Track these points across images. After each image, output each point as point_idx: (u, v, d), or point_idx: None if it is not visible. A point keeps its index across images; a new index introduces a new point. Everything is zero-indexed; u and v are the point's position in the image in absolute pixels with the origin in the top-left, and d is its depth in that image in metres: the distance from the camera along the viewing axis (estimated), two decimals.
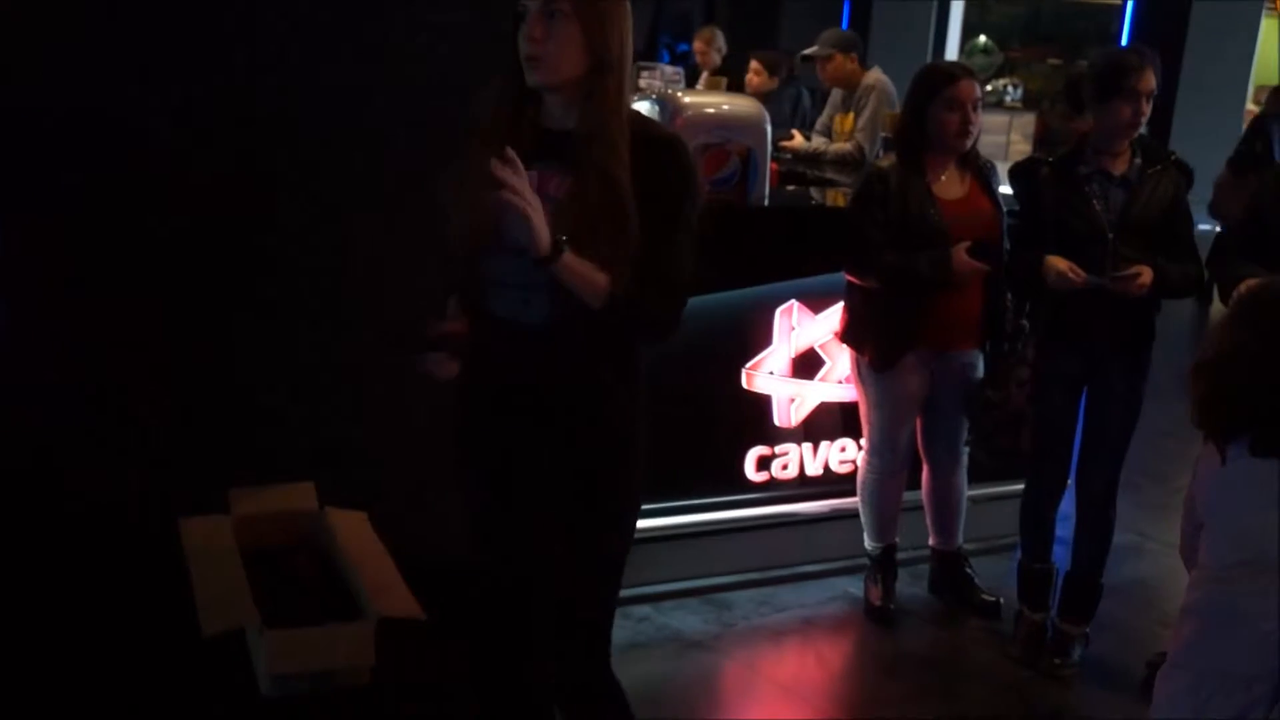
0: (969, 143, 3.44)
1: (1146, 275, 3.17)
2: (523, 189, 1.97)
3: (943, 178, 3.47)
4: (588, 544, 2.32)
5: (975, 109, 3.42)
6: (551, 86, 2.09)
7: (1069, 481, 3.57)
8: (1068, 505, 3.61)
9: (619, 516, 2.34)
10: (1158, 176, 3.30)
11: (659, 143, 2.11)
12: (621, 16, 2.10)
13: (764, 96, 6.42)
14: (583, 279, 2.04)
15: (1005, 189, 3.65)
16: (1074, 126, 3.46)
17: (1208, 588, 2.15)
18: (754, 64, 6.59)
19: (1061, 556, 3.64)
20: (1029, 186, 3.38)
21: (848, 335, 3.68)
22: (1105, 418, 3.43)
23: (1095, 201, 3.26)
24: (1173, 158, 3.34)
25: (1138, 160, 3.31)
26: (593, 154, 2.05)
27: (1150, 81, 3.22)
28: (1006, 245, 3.51)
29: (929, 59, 12.09)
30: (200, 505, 2.81)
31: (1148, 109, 3.24)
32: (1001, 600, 3.77)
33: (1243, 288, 2.67)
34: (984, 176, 3.52)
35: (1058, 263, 3.20)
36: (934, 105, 3.40)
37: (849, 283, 3.61)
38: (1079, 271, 3.18)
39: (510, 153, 1.97)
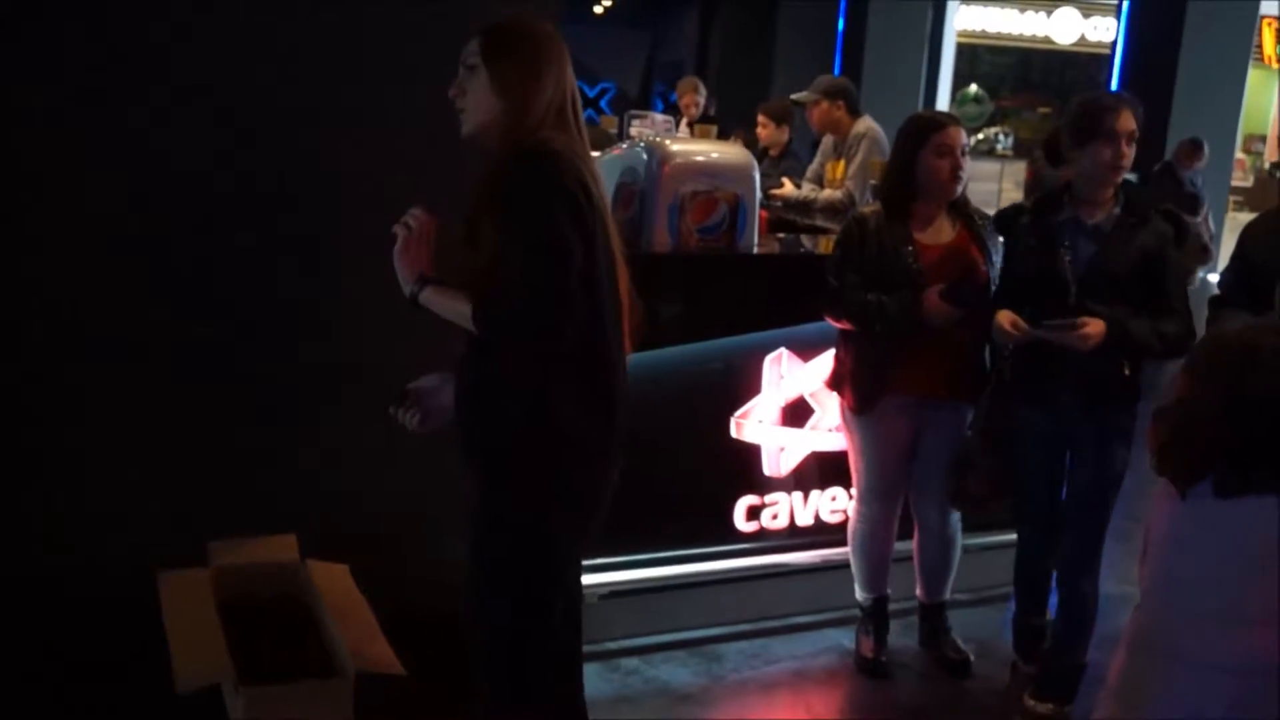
0: (958, 189, 3.44)
1: (1093, 327, 3.07)
2: (400, 245, 2.25)
3: (931, 225, 3.46)
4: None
5: (963, 154, 3.42)
6: (472, 134, 2.29)
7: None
8: None
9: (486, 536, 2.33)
10: (1134, 227, 3.21)
11: (520, 165, 2.18)
12: (529, 67, 2.24)
13: (779, 148, 6.48)
14: (447, 308, 2.22)
15: None
16: (1064, 175, 3.43)
17: (1142, 623, 2.15)
18: (760, 117, 6.63)
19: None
20: (1009, 235, 3.36)
21: (832, 378, 3.66)
22: (1077, 482, 3.35)
23: (1063, 251, 3.22)
24: (1163, 208, 3.30)
25: (1117, 210, 3.25)
26: (471, 190, 2.21)
27: (1130, 122, 3.16)
28: None
29: (920, 107, 12.18)
30: (181, 556, 2.78)
31: (1130, 152, 3.17)
32: (972, 658, 3.70)
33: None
34: (975, 225, 3.50)
35: (1001, 316, 3.18)
36: (924, 152, 3.39)
37: (838, 329, 3.59)
38: (1020, 325, 3.14)
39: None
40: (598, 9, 19.05)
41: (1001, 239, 3.47)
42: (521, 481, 2.26)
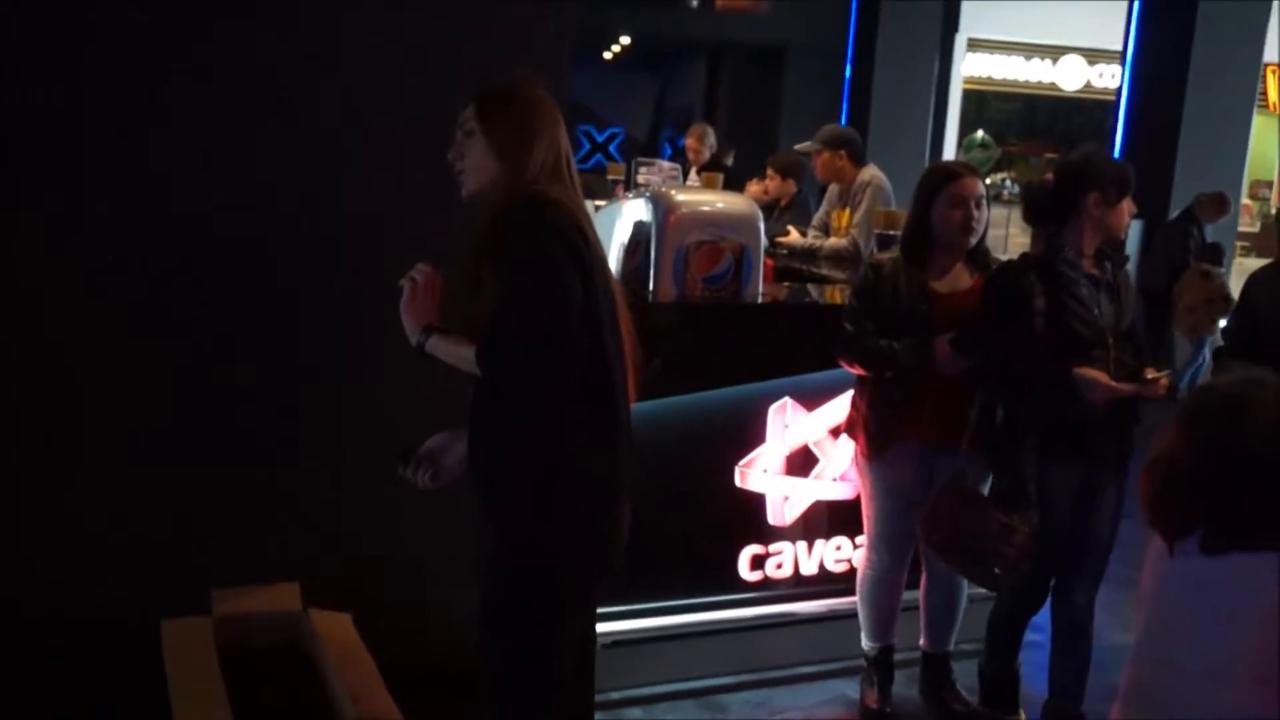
0: (973, 239, 3.45)
1: (1165, 379, 3.17)
2: (407, 297, 2.33)
3: (947, 274, 3.47)
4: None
5: (979, 206, 3.43)
6: (472, 197, 2.37)
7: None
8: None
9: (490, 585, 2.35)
10: (1125, 279, 3.35)
11: (510, 212, 2.24)
12: (528, 132, 2.32)
13: (787, 198, 6.55)
14: (453, 354, 2.27)
15: None
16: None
17: (1134, 677, 2.14)
18: (768, 170, 6.71)
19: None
20: (1015, 294, 3.29)
21: (847, 424, 3.67)
22: (1095, 532, 3.34)
23: (1092, 305, 3.25)
24: (1126, 262, 3.37)
25: (1107, 263, 3.33)
26: (470, 241, 2.26)
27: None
28: None
29: (927, 154, 12.25)
30: (184, 604, 2.79)
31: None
32: (976, 708, 3.68)
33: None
34: None
35: (1091, 373, 3.16)
36: (938, 202, 3.42)
37: (854, 375, 3.60)
38: (1107, 380, 3.14)
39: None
40: (607, 54, 19.22)
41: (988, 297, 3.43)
42: (535, 521, 2.29)
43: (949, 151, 14.70)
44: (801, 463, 3.88)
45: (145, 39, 2.88)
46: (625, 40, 18.36)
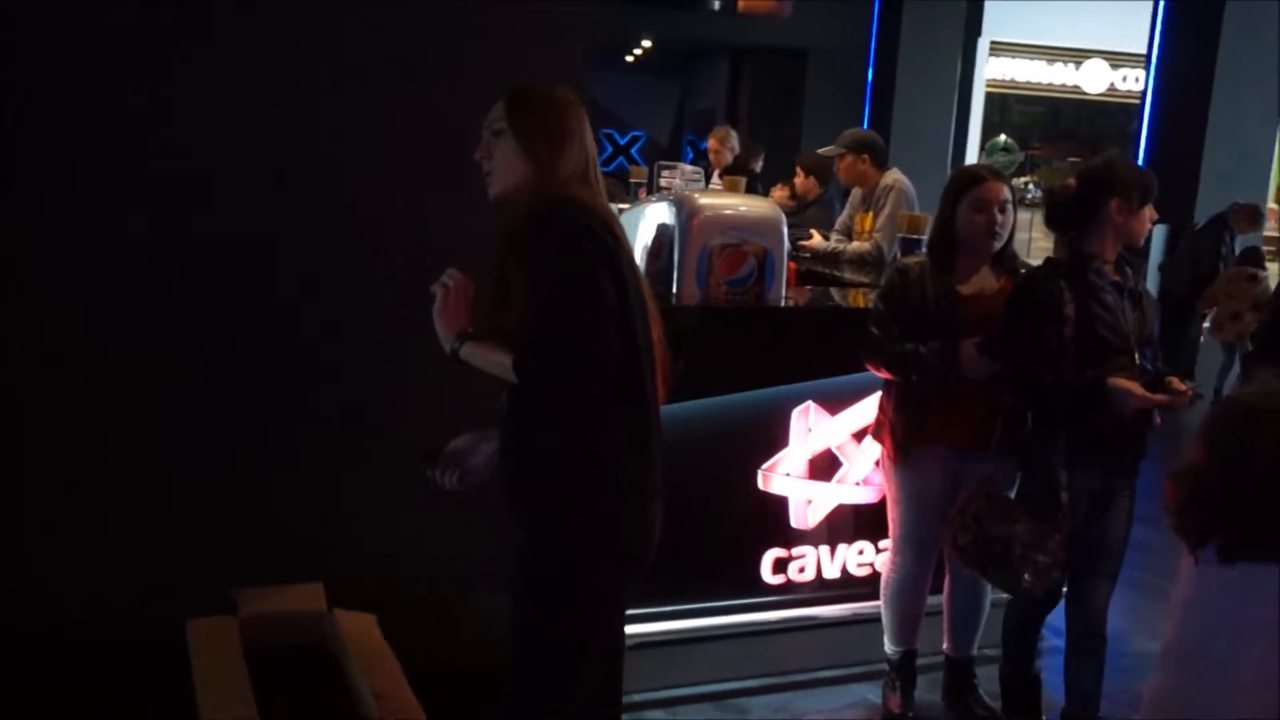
0: (996, 244, 3.44)
1: (1190, 390, 3.16)
2: (440, 304, 2.30)
3: (973, 278, 3.47)
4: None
5: (1004, 210, 3.42)
6: (500, 197, 2.34)
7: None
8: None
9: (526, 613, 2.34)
10: (1144, 286, 3.36)
11: (543, 211, 2.23)
12: (554, 131, 2.32)
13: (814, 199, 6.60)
14: (487, 361, 2.25)
15: None
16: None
17: (1159, 684, 2.15)
18: (797, 168, 6.78)
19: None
20: (1045, 300, 3.26)
21: (874, 427, 3.68)
22: (1110, 536, 3.34)
23: (1119, 313, 3.25)
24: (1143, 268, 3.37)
25: (1128, 269, 3.33)
26: (502, 248, 2.26)
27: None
28: None
29: (949, 158, 12.22)
30: (210, 604, 2.80)
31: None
32: (1000, 714, 3.67)
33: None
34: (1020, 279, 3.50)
35: (1125, 383, 3.14)
36: (962, 206, 3.42)
37: (881, 379, 3.60)
38: (1141, 391, 3.14)
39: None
40: (629, 58, 19.25)
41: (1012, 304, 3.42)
42: (569, 526, 2.28)
43: (971, 155, 14.66)
44: (824, 466, 3.87)
45: (154, 38, 2.90)
46: (647, 43, 18.38)
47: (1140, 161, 10.06)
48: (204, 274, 3.00)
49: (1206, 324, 8.87)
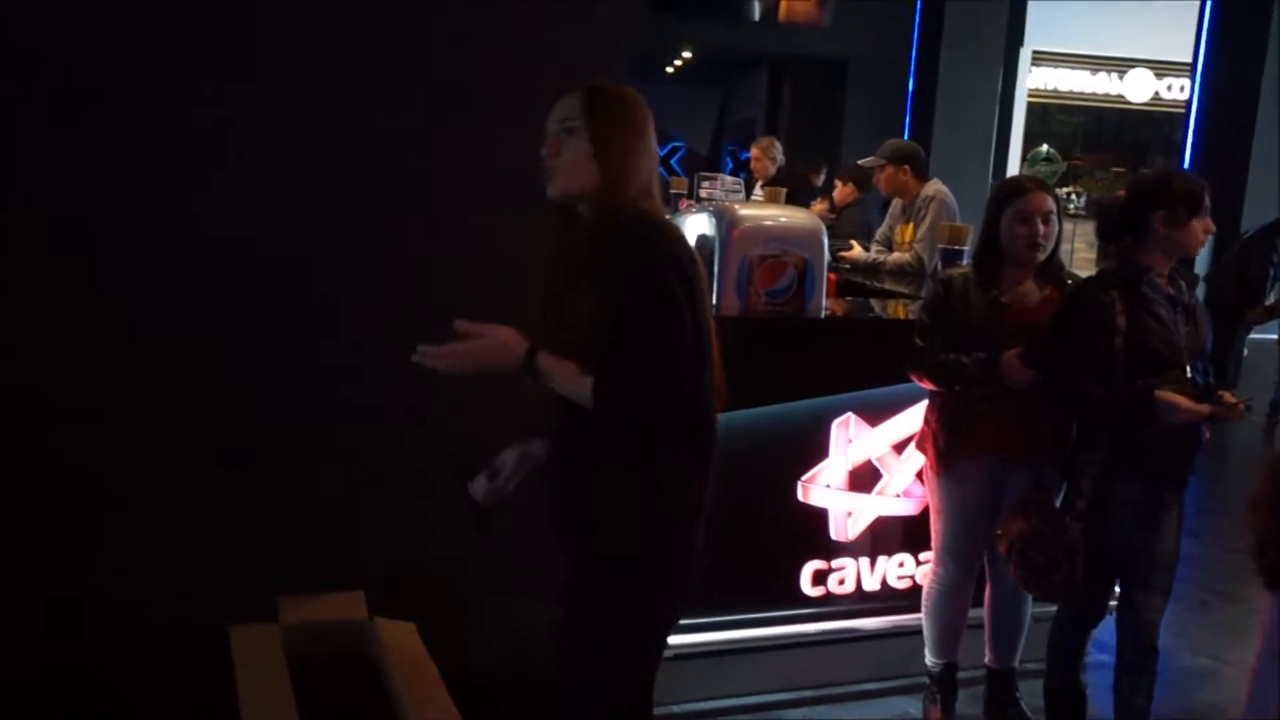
0: (1039, 255, 3.42)
1: (1241, 404, 3.10)
2: (449, 352, 2.15)
3: (1017, 288, 3.45)
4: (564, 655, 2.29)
5: (1047, 221, 3.40)
6: (561, 197, 2.24)
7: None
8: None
9: (588, 636, 2.25)
10: (1197, 299, 3.31)
11: (628, 232, 2.16)
12: (630, 137, 2.22)
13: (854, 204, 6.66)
14: (562, 380, 2.15)
15: None
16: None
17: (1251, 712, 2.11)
18: (836, 180, 6.84)
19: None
20: (1096, 310, 3.26)
21: (919, 436, 3.67)
22: (1160, 549, 3.27)
23: (1173, 326, 3.21)
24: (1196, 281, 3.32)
25: (1181, 282, 3.29)
26: (567, 264, 2.19)
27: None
28: None
29: (990, 168, 12.15)
30: (252, 611, 2.83)
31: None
32: None
33: None
34: (1066, 290, 3.47)
35: (1171, 397, 3.10)
36: (1005, 217, 3.41)
37: (926, 389, 3.58)
38: (1188, 404, 3.10)
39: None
40: (669, 69, 19.28)
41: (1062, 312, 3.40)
42: (633, 549, 2.21)
43: (1013, 165, 14.56)
44: (865, 478, 3.86)
45: (192, 44, 2.94)
46: (687, 54, 18.41)
47: (1185, 170, 9.95)
48: (240, 283, 3.02)
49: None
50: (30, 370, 2.86)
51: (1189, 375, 3.18)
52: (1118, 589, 3.41)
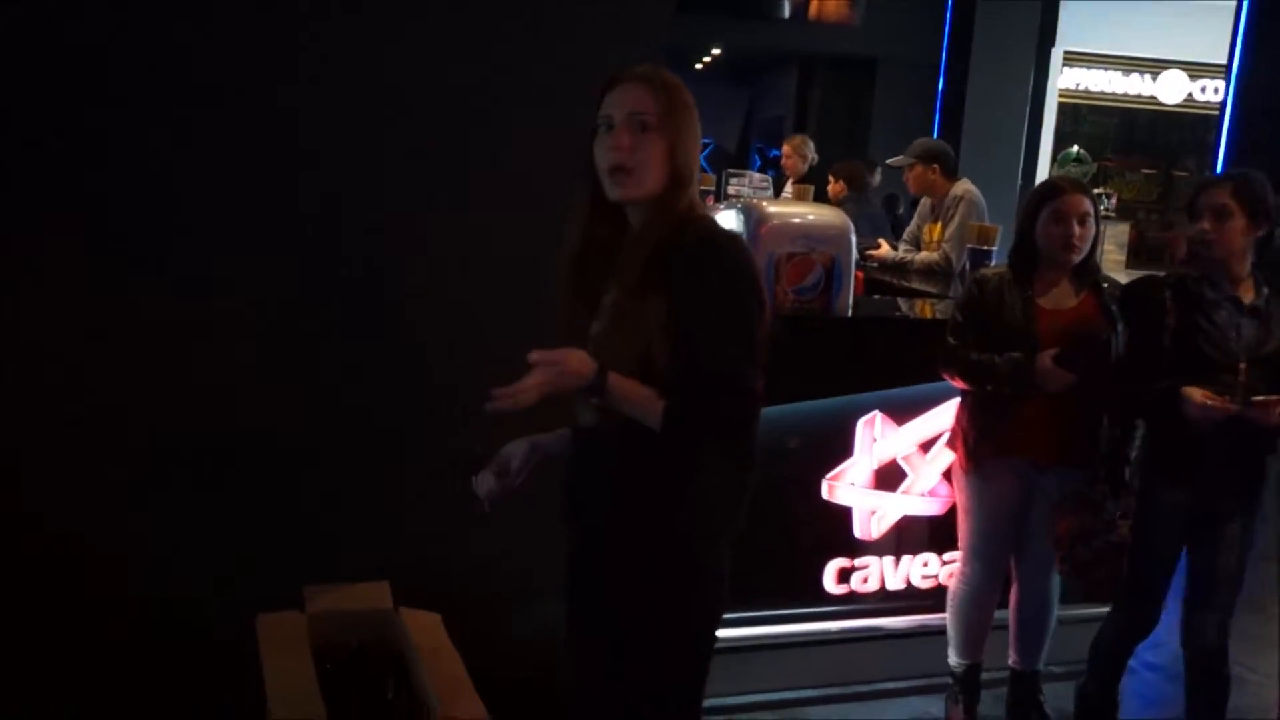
0: (1075, 257, 3.40)
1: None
2: (523, 389, 1.96)
3: (1052, 290, 3.43)
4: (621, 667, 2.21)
5: (1084, 223, 3.38)
6: (635, 200, 2.07)
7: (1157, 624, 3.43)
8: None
9: (651, 643, 2.16)
10: (1277, 303, 3.24)
11: (706, 245, 2.03)
12: (695, 133, 2.11)
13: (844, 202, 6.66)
14: (631, 401, 2.01)
15: None
16: (1169, 237, 3.41)
17: None
18: (830, 177, 6.83)
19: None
20: (1146, 308, 3.27)
21: (950, 435, 3.67)
22: (1219, 564, 3.25)
23: (1229, 329, 3.19)
24: None
25: (1265, 289, 3.24)
26: (632, 271, 2.03)
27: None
28: None
29: (1020, 168, 12.07)
30: (277, 600, 2.85)
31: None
32: None
33: None
34: (1102, 292, 3.46)
35: (1195, 393, 3.11)
36: (1041, 217, 3.40)
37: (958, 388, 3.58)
38: (1213, 399, 3.08)
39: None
40: (698, 66, 19.25)
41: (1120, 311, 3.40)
42: (689, 579, 2.14)
43: (1043, 166, 14.46)
44: (890, 477, 3.85)
45: (262, 43, 2.96)
46: (716, 52, 18.37)
47: (1218, 173, 9.87)
48: (288, 271, 3.04)
49: None
50: (55, 363, 2.89)
51: (1240, 379, 3.14)
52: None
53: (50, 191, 2.84)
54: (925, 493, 3.89)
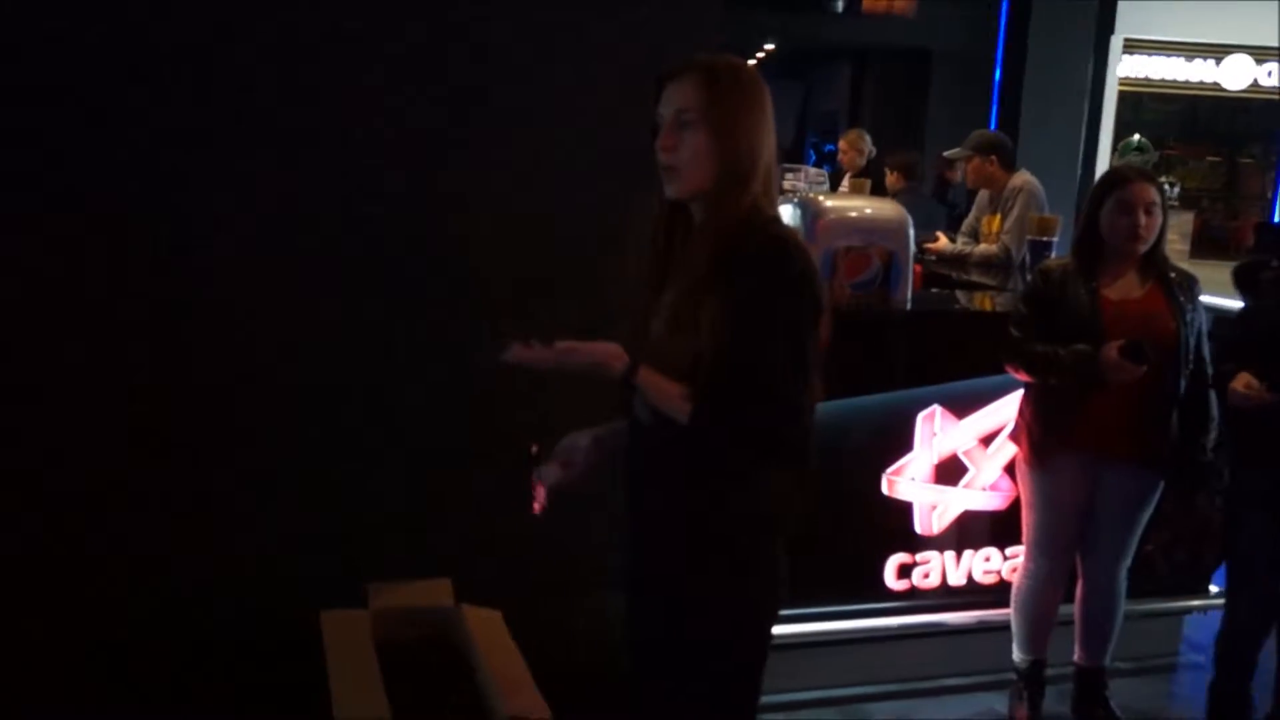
0: (1141, 247, 3.34)
1: None
2: (545, 354, 1.96)
3: (1119, 280, 3.38)
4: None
5: (1150, 213, 3.33)
6: (686, 197, 2.05)
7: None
8: None
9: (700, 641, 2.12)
10: None
11: (763, 251, 1.97)
12: (753, 124, 2.02)
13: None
14: (660, 396, 1.99)
15: (1204, 298, 3.51)
16: (1235, 226, 3.37)
17: None
18: (886, 169, 6.74)
19: None
20: (1250, 291, 3.23)
21: (1013, 429, 3.63)
22: None
23: None
24: None
25: None
26: (686, 268, 2.01)
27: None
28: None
29: (1080, 159, 11.90)
30: (342, 597, 2.88)
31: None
32: None
33: None
34: (1169, 283, 3.40)
35: (1239, 379, 3.07)
36: (1107, 207, 3.35)
37: (1021, 381, 3.54)
38: (1254, 386, 3.04)
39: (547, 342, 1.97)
40: (751, 61, 19.21)
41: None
42: (741, 583, 2.10)
43: (1103, 156, 14.26)
44: (951, 471, 3.82)
45: (319, 42, 2.99)
46: (770, 46, 18.31)
47: None
48: (338, 267, 3.07)
49: None
50: (111, 358, 2.94)
51: None
52: None
53: (50, 186, 2.88)
54: (987, 487, 3.85)
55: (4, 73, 2.79)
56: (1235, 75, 15.86)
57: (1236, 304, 3.65)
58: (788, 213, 3.86)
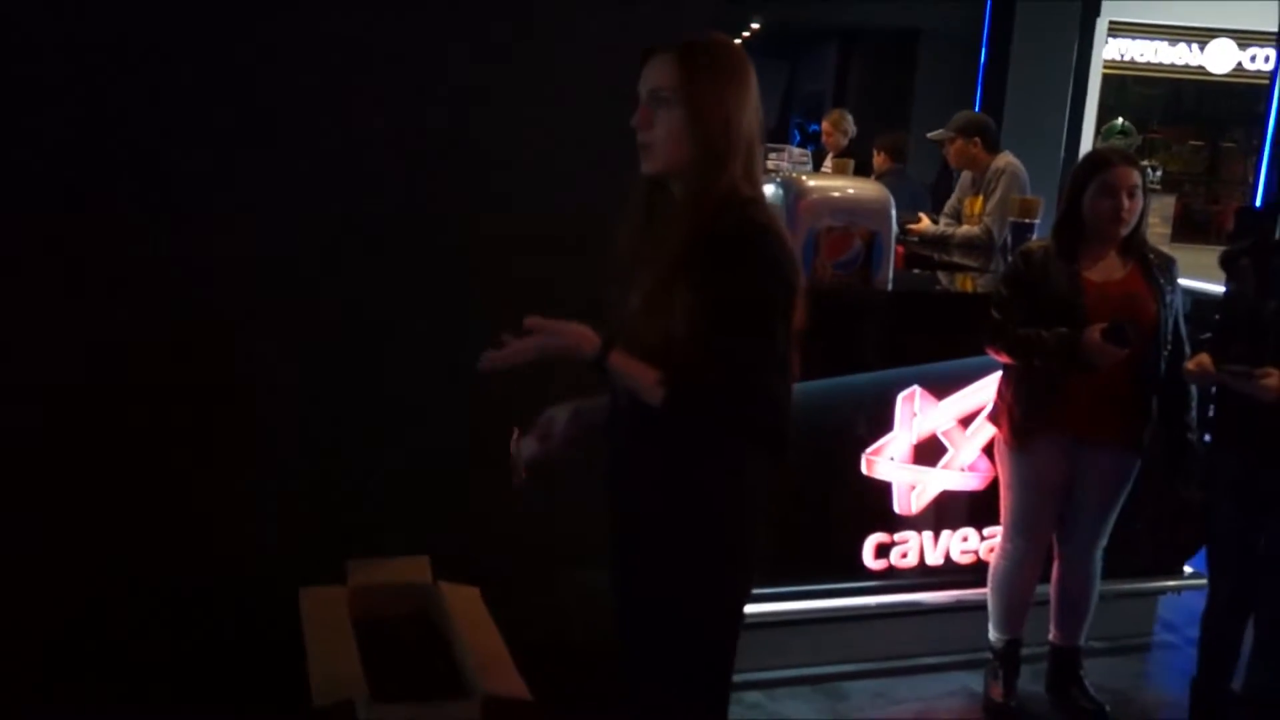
0: (1123, 230, 3.36)
1: (1274, 379, 2.96)
2: (512, 351, 1.97)
3: (1099, 263, 3.40)
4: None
5: (1132, 196, 3.34)
6: (659, 174, 2.05)
7: None
8: None
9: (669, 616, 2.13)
10: None
11: (737, 235, 1.96)
12: (733, 104, 2.00)
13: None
14: (632, 377, 1.98)
15: (1183, 281, 3.54)
16: (1216, 210, 3.37)
17: None
18: (874, 150, 6.73)
19: None
20: (1231, 276, 3.22)
21: (991, 411, 3.64)
22: (1275, 534, 3.15)
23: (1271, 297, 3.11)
24: None
25: None
26: (661, 248, 2.00)
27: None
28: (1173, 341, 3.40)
29: (1064, 141, 11.92)
30: (320, 573, 2.88)
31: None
32: (1109, 708, 3.59)
33: None
34: (1149, 266, 3.41)
35: (1199, 358, 3.10)
36: (1089, 190, 3.36)
37: (1001, 363, 3.55)
38: (1204, 365, 3.06)
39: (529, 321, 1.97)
40: (737, 40, 19.12)
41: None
42: (721, 565, 2.11)
43: (1087, 138, 14.28)
44: (930, 452, 3.83)
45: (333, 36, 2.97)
46: (755, 26, 18.25)
47: (1267, 146, 9.73)
48: (333, 246, 3.06)
49: None
50: (107, 349, 2.93)
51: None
52: None
53: (49, 181, 2.87)
54: (965, 468, 3.86)
55: (5, 73, 2.77)
56: (1219, 59, 15.88)
57: (1216, 288, 3.67)
58: (770, 192, 3.86)
